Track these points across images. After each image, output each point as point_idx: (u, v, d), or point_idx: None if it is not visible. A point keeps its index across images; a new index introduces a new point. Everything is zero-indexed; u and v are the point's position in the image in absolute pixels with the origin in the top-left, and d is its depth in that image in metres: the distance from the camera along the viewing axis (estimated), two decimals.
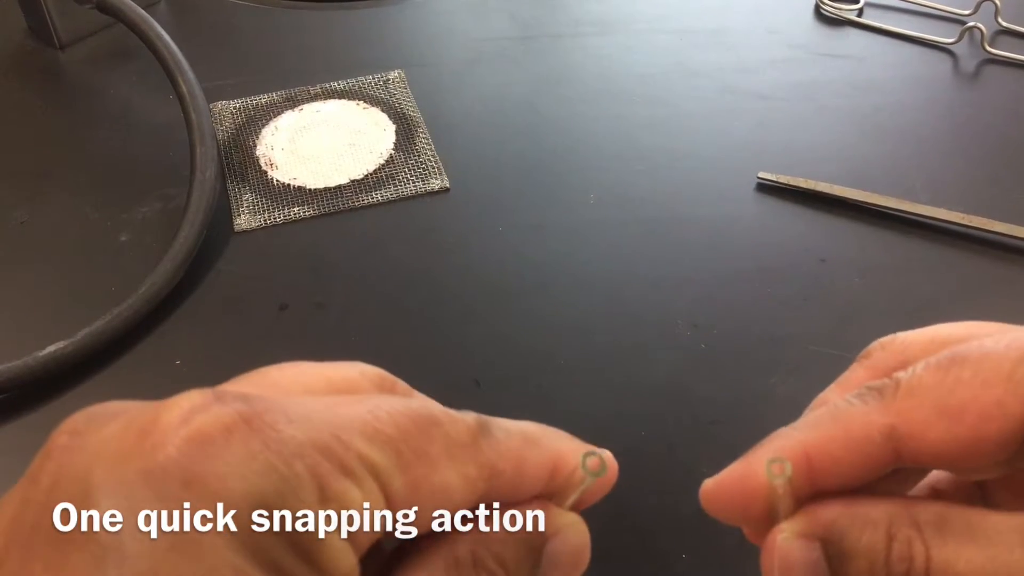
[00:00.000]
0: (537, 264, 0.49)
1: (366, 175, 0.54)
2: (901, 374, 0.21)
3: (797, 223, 0.51)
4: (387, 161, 0.55)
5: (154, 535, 0.15)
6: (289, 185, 0.54)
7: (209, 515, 0.15)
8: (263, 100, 0.60)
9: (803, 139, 0.57)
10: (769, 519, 0.22)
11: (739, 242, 0.50)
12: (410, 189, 0.53)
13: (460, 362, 0.44)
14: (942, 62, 0.63)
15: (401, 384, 0.22)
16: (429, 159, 0.55)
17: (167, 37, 0.54)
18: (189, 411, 0.16)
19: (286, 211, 0.52)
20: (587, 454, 0.21)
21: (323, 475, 0.17)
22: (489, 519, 0.20)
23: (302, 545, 0.16)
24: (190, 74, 0.53)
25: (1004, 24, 0.65)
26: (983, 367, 0.20)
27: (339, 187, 0.54)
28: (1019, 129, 0.58)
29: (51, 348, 0.43)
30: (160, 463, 0.16)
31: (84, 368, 0.44)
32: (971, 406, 0.20)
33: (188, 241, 0.48)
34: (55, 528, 0.15)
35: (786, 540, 0.21)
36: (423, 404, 0.19)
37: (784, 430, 0.22)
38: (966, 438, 0.20)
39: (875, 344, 0.24)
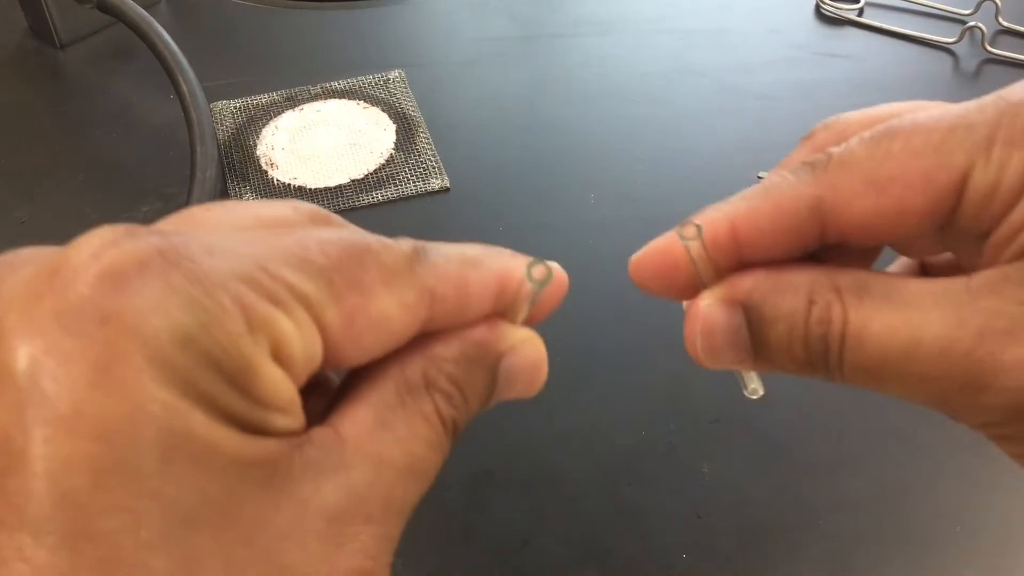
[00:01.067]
0: None
1: (366, 175, 0.54)
2: (834, 149, 0.21)
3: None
4: (387, 161, 0.55)
5: (73, 375, 0.14)
6: (289, 185, 0.54)
7: (130, 350, 0.15)
8: (263, 100, 0.60)
9: None
10: (693, 289, 0.22)
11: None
12: (410, 189, 0.53)
13: None
14: (942, 62, 0.63)
15: (336, 218, 0.21)
16: (429, 159, 0.55)
17: (167, 37, 0.54)
18: (100, 247, 0.16)
19: None
20: (531, 263, 0.21)
21: (249, 305, 0.16)
22: (438, 338, 0.20)
23: (234, 375, 0.16)
24: (190, 74, 0.53)
25: (1004, 24, 0.65)
26: (913, 139, 0.20)
27: (339, 187, 0.54)
28: None
29: None
30: (72, 302, 0.15)
31: None
32: (898, 177, 0.19)
33: None
34: None
35: (708, 306, 0.21)
36: (354, 232, 0.19)
37: (716, 204, 0.22)
38: (891, 209, 0.20)
39: (818, 125, 0.24)
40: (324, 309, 0.17)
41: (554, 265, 0.22)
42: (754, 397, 0.22)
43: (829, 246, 0.21)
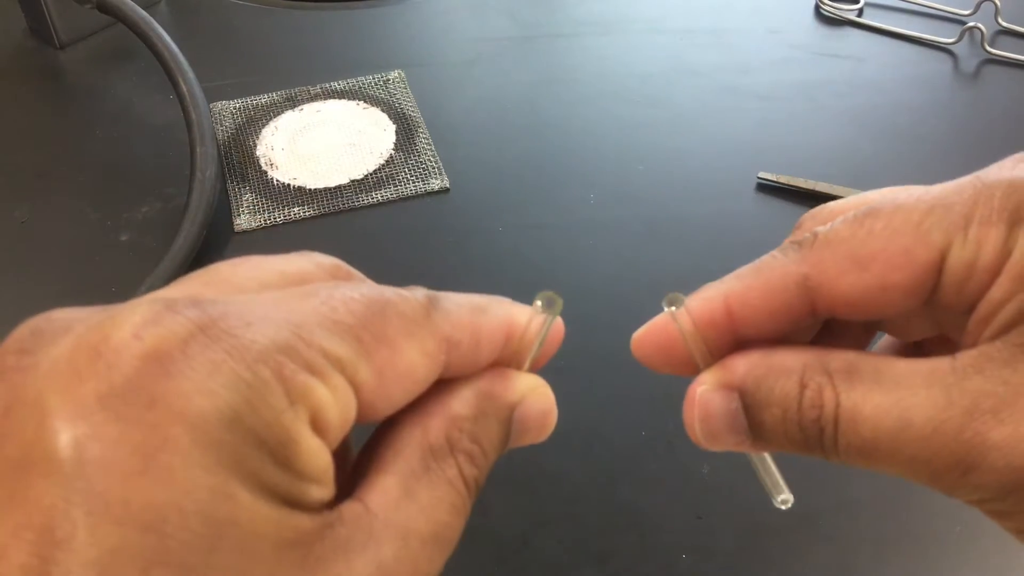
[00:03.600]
0: (537, 264, 0.49)
1: (366, 175, 0.54)
2: (820, 228, 0.22)
3: (791, 225, 0.51)
4: (387, 161, 0.55)
5: (119, 461, 0.14)
6: (289, 185, 0.54)
7: (177, 434, 0.15)
8: (263, 100, 0.60)
9: (803, 139, 0.57)
10: (692, 366, 0.23)
11: (739, 242, 0.50)
12: (410, 189, 0.53)
13: None
14: (942, 62, 0.63)
15: (355, 272, 0.22)
16: (429, 159, 0.55)
17: (167, 37, 0.54)
18: (140, 325, 0.15)
19: (286, 211, 0.52)
20: (540, 295, 0.22)
21: (288, 377, 0.16)
22: (454, 396, 0.20)
23: (277, 451, 0.16)
24: (190, 74, 0.53)
25: (1004, 24, 0.65)
26: (894, 218, 0.20)
27: (339, 187, 0.54)
28: (1019, 129, 0.58)
29: None
30: (117, 385, 0.15)
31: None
32: (880, 254, 0.20)
33: (188, 241, 0.48)
34: (13, 455, 0.15)
35: (705, 392, 0.22)
36: (372, 287, 0.19)
37: (710, 284, 0.23)
38: (874, 285, 0.20)
39: (805, 215, 0.25)
40: (357, 369, 0.18)
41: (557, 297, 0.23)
42: (784, 507, 0.23)
43: (829, 321, 0.22)
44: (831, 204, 0.24)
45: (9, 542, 0.14)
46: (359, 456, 0.20)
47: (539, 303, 0.22)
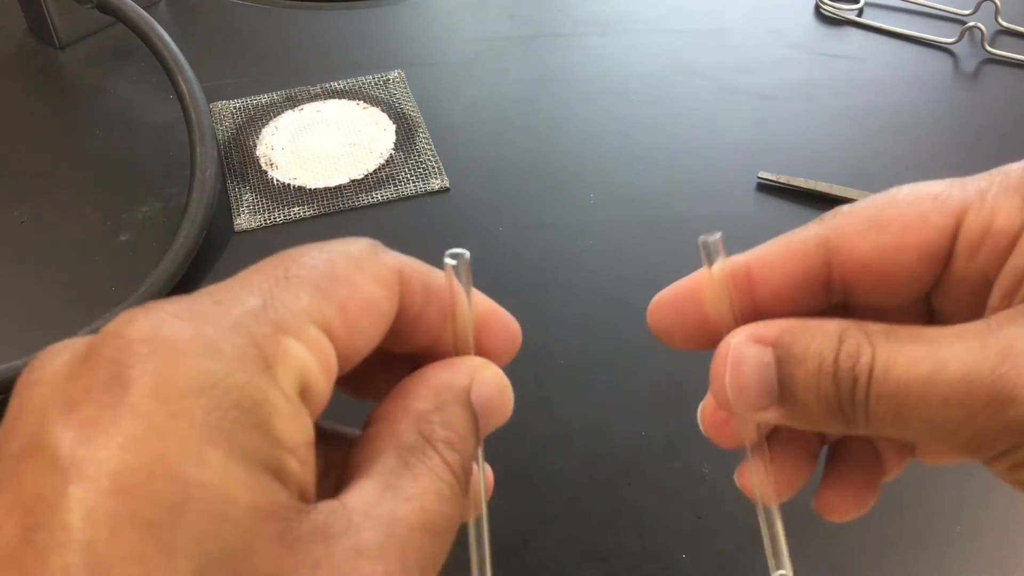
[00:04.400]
0: (537, 264, 0.49)
1: (366, 175, 0.54)
2: (844, 206, 0.23)
3: (797, 223, 0.51)
4: (387, 161, 0.55)
5: (101, 439, 0.15)
6: (289, 185, 0.54)
7: (150, 408, 0.16)
8: (263, 100, 0.60)
9: (803, 139, 0.57)
10: (710, 335, 0.23)
11: (739, 242, 0.50)
12: (410, 189, 0.53)
13: None
14: (942, 62, 0.63)
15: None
16: (429, 159, 0.55)
17: (167, 37, 0.54)
18: (123, 324, 0.17)
19: (286, 211, 0.52)
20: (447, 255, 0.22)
21: (262, 342, 0.17)
22: (413, 399, 0.21)
23: (253, 415, 0.17)
24: (190, 74, 0.53)
25: (1004, 24, 0.65)
26: (914, 193, 0.22)
27: (339, 187, 0.54)
28: (1019, 129, 0.58)
29: None
30: (102, 379, 0.16)
31: None
32: (898, 218, 0.21)
33: (188, 241, 0.48)
34: (14, 451, 0.16)
35: (739, 343, 0.22)
36: (316, 245, 0.20)
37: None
38: (891, 245, 0.21)
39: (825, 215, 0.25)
40: (322, 314, 0.18)
41: (506, 317, 0.24)
42: (779, 573, 0.23)
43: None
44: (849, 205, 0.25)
45: (3, 520, 0.15)
46: (336, 481, 0.20)
47: (448, 260, 0.22)
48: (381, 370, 0.23)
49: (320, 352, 0.18)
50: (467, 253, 0.22)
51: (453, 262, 0.22)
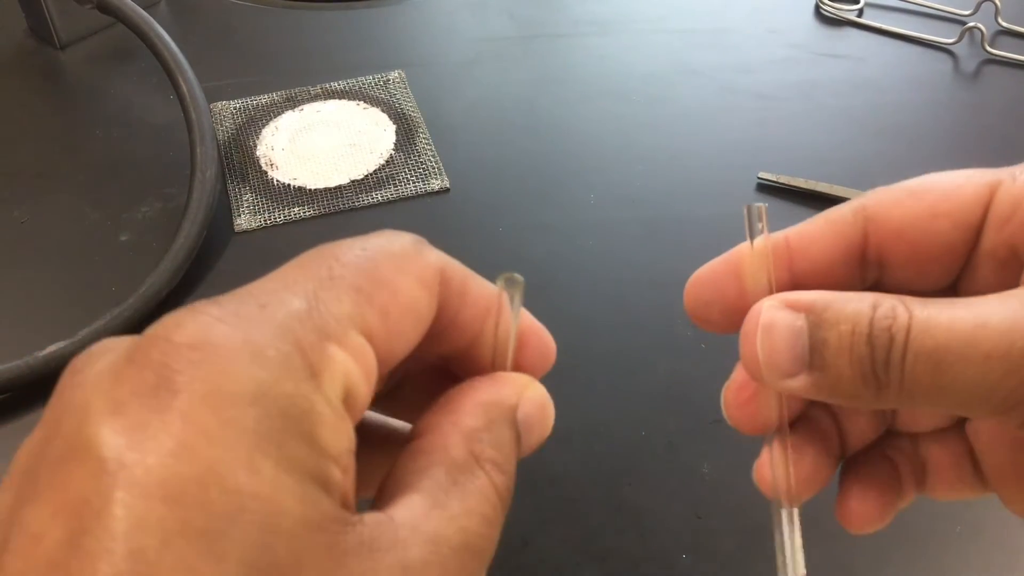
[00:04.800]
0: (537, 264, 0.49)
1: (366, 175, 0.54)
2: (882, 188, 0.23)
3: (797, 223, 0.51)
4: (387, 161, 0.55)
5: (149, 445, 0.15)
6: (289, 185, 0.54)
7: (200, 416, 0.16)
8: (263, 100, 0.60)
9: (803, 139, 0.57)
10: (745, 308, 0.23)
11: (739, 242, 0.50)
12: (410, 189, 0.53)
13: None
14: (942, 62, 0.63)
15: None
16: (429, 159, 0.55)
17: (167, 37, 0.54)
18: (171, 328, 0.17)
19: (286, 211, 0.52)
20: (500, 277, 0.22)
21: (308, 349, 0.17)
22: (463, 414, 0.20)
23: (301, 424, 0.16)
24: (190, 74, 0.53)
25: (1004, 24, 0.65)
26: (948, 173, 0.23)
27: (339, 187, 0.54)
28: (1019, 129, 0.58)
29: (51, 348, 0.43)
30: (150, 383, 0.16)
31: None
32: (933, 188, 0.22)
33: (188, 241, 0.48)
34: (57, 453, 0.16)
35: (772, 307, 0.22)
36: (360, 239, 0.20)
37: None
38: (925, 212, 0.22)
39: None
40: (364, 317, 0.18)
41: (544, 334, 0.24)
42: None
43: None
44: None
45: (48, 524, 0.15)
46: (379, 489, 0.20)
47: (501, 283, 0.22)
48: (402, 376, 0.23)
49: (363, 359, 0.18)
50: (522, 279, 0.22)
51: (509, 286, 0.22)
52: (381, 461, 0.20)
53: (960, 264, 0.23)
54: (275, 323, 0.17)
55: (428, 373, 0.24)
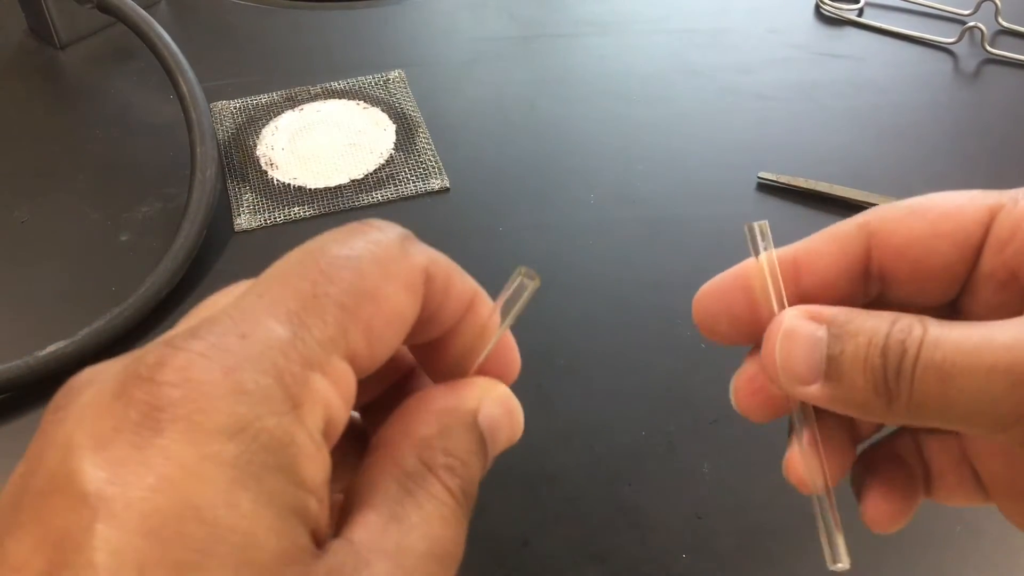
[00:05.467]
0: (537, 264, 0.49)
1: (366, 175, 0.54)
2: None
3: (797, 223, 0.51)
4: (387, 161, 0.55)
5: (130, 480, 0.15)
6: (289, 185, 0.54)
7: (181, 451, 0.16)
8: (263, 100, 0.60)
9: (803, 139, 0.57)
10: (756, 324, 0.24)
11: (739, 242, 0.50)
12: (410, 189, 0.53)
13: None
14: (942, 62, 0.63)
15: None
16: (429, 159, 0.55)
17: (167, 37, 0.54)
18: (153, 367, 0.17)
19: (286, 211, 0.52)
20: (518, 270, 0.22)
21: (289, 381, 0.17)
22: (417, 423, 0.21)
23: (280, 458, 0.17)
24: (190, 74, 0.53)
25: (1004, 24, 0.65)
26: (952, 193, 0.23)
27: (339, 187, 0.54)
28: (1019, 129, 0.58)
29: (51, 348, 0.43)
30: (132, 420, 0.16)
31: (84, 368, 0.44)
32: (935, 207, 0.23)
33: (188, 241, 0.48)
34: (40, 486, 0.16)
35: (794, 316, 0.22)
36: (350, 243, 0.20)
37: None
38: (927, 231, 0.23)
39: None
40: (348, 338, 0.18)
41: (510, 341, 0.23)
42: (837, 567, 0.24)
43: None
44: None
45: (29, 555, 0.15)
46: (340, 509, 0.20)
47: (521, 278, 0.22)
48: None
49: (343, 386, 0.18)
50: (539, 279, 0.22)
51: (529, 280, 0.22)
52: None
53: (960, 282, 0.23)
54: (256, 355, 0.17)
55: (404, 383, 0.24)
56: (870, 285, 0.24)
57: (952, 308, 0.24)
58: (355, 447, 0.22)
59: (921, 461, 0.26)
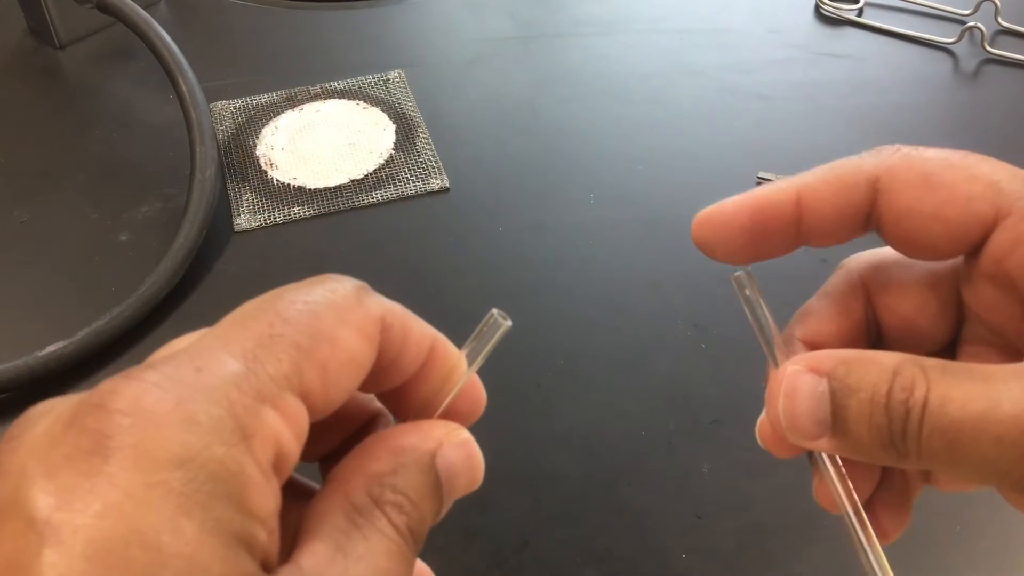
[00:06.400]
0: (537, 264, 0.49)
1: (366, 175, 0.54)
2: (904, 147, 0.23)
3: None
4: (387, 161, 0.55)
5: (77, 507, 0.16)
6: (289, 185, 0.54)
7: (129, 478, 0.16)
8: (263, 100, 0.60)
9: (803, 139, 0.57)
10: (754, 242, 0.24)
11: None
12: (410, 189, 0.53)
13: None
14: (942, 62, 0.63)
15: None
16: (429, 159, 0.55)
17: (167, 37, 0.54)
18: (106, 394, 0.17)
19: (286, 211, 0.52)
20: (491, 313, 0.22)
21: (240, 413, 0.17)
22: (371, 459, 0.21)
23: (229, 487, 0.17)
24: (190, 74, 0.53)
25: (1004, 24, 0.65)
26: (974, 169, 0.22)
27: (339, 187, 0.54)
28: (1019, 129, 0.58)
29: (51, 348, 0.43)
30: (84, 447, 0.17)
31: (84, 368, 0.44)
32: (946, 187, 0.22)
33: (188, 241, 0.48)
34: None
35: (795, 371, 0.22)
36: (308, 291, 0.20)
37: (784, 179, 0.25)
38: (929, 211, 0.22)
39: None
40: (302, 376, 0.19)
41: (476, 381, 0.23)
42: None
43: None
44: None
45: None
46: (292, 538, 0.21)
47: (494, 318, 0.22)
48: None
49: (295, 421, 0.19)
50: (510, 324, 0.22)
51: (502, 320, 0.22)
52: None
53: (950, 260, 0.23)
54: (209, 387, 0.17)
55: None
56: (867, 228, 0.24)
57: (951, 321, 0.24)
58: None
59: None
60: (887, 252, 0.24)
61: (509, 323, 0.22)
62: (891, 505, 0.26)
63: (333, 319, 0.20)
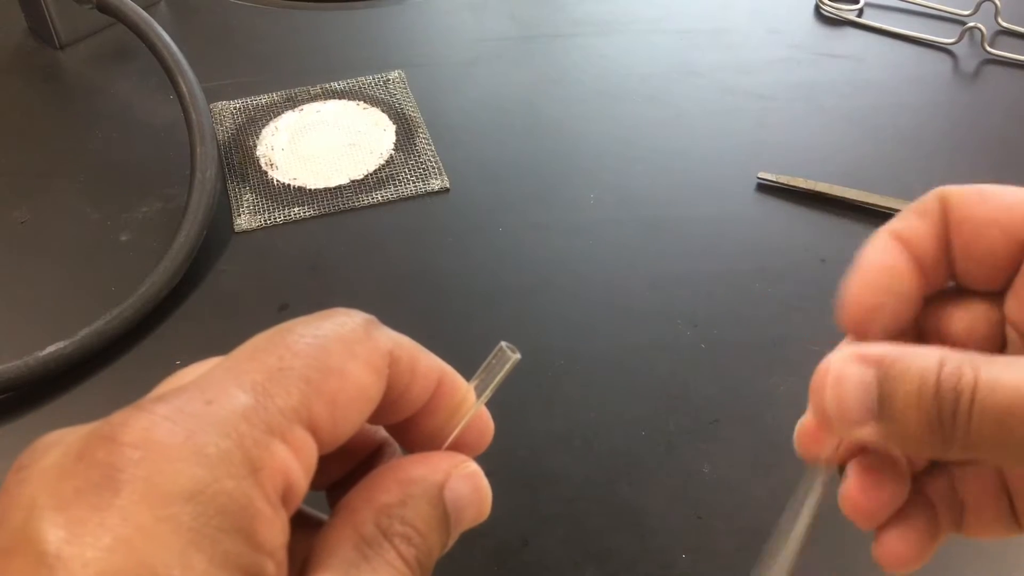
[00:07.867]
0: (537, 264, 0.49)
1: (366, 175, 0.54)
2: None
3: (797, 223, 0.51)
4: (387, 161, 0.55)
5: (87, 541, 0.16)
6: (289, 185, 0.54)
7: (139, 512, 0.16)
8: (263, 100, 0.60)
9: (803, 139, 0.57)
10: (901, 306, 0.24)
11: (739, 242, 0.50)
12: (410, 189, 0.53)
13: (460, 362, 0.44)
14: (942, 62, 0.63)
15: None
16: (429, 159, 0.55)
17: (167, 37, 0.54)
18: (117, 427, 0.17)
19: (286, 211, 0.52)
20: (501, 345, 0.22)
21: (249, 446, 0.18)
22: (380, 490, 0.21)
23: (238, 521, 0.17)
24: (190, 74, 0.53)
25: (1004, 24, 0.65)
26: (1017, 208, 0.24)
27: (339, 187, 0.54)
28: (1019, 129, 0.58)
29: (51, 348, 0.43)
30: (94, 480, 0.17)
31: (84, 368, 0.44)
32: (998, 197, 0.24)
33: (188, 241, 0.48)
34: (2, 545, 0.17)
35: (843, 359, 0.22)
36: (317, 324, 0.20)
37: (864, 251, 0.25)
38: (983, 218, 0.23)
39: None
40: (311, 410, 0.19)
41: (484, 413, 0.23)
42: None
43: None
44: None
45: None
46: (300, 569, 0.21)
47: (503, 351, 0.22)
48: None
49: (304, 455, 0.19)
50: (519, 356, 0.22)
51: (511, 353, 0.22)
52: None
53: (1004, 276, 0.24)
54: (219, 420, 0.18)
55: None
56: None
57: (993, 301, 0.25)
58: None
59: (952, 498, 0.26)
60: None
61: (518, 356, 0.22)
62: (911, 542, 0.26)
63: (342, 353, 0.20)
